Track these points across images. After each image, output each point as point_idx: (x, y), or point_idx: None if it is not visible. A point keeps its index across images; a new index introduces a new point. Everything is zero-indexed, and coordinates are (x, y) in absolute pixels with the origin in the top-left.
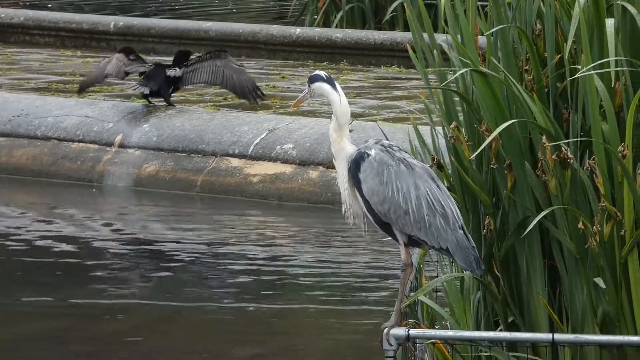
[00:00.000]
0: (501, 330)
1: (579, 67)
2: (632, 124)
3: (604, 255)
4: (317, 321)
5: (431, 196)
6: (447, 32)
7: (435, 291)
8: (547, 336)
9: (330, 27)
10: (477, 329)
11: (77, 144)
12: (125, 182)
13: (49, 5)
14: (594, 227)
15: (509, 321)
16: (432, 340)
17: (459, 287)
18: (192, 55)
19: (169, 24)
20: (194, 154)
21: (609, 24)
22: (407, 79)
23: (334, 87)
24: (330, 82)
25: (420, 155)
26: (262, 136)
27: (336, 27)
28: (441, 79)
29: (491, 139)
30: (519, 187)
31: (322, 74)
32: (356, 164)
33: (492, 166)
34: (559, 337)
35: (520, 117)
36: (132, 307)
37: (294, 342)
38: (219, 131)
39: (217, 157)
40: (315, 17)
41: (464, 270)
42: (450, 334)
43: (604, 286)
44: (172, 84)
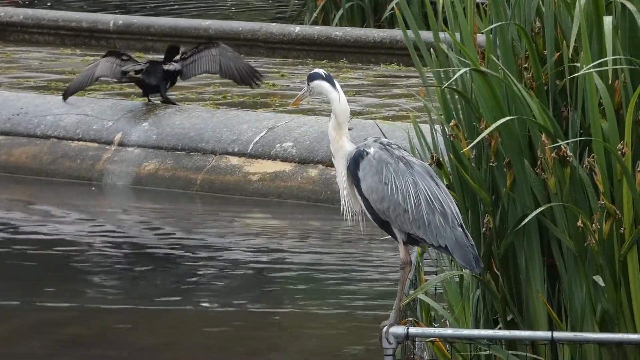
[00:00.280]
0: (500, 328)
1: (578, 65)
2: (632, 121)
3: (603, 253)
4: (317, 320)
5: (430, 194)
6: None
7: (434, 289)
8: (547, 334)
9: (329, 25)
10: (477, 327)
11: (76, 142)
12: (124, 180)
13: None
14: (593, 225)
15: (508, 319)
16: (431, 338)
17: (458, 285)
18: (181, 48)
19: (168, 22)
20: (193, 152)
21: (607, 21)
22: (406, 77)
23: (333, 85)
24: (329, 80)
25: (419, 153)
26: (262, 134)
27: (336, 25)
28: (439, 77)
29: (488, 136)
30: (518, 185)
31: (322, 72)
32: (355, 162)
33: (491, 164)
34: (558, 335)
35: (519, 115)
36: (131, 306)
37: (294, 341)
38: (219, 129)
39: (216, 155)
40: (314, 15)
41: (463, 268)
42: (449, 332)
43: (603, 284)
44: (170, 79)
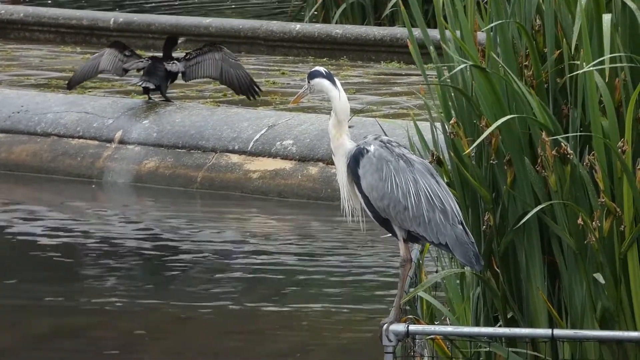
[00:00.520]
0: (500, 326)
1: (579, 63)
2: (632, 119)
3: (603, 250)
4: (319, 318)
5: (430, 192)
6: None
7: (434, 287)
8: (547, 332)
9: (330, 22)
10: (477, 324)
11: (76, 140)
12: (125, 178)
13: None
14: (594, 223)
15: (509, 317)
16: (432, 336)
17: (458, 283)
18: (179, 39)
19: (169, 19)
20: (193, 150)
21: (606, 19)
22: (407, 75)
23: (334, 83)
24: (329, 78)
25: (419, 151)
26: (262, 132)
27: (336, 23)
28: (440, 75)
29: (488, 133)
30: (518, 182)
31: (322, 70)
32: (355, 160)
33: (491, 162)
34: (558, 332)
35: (520, 112)
36: (130, 304)
37: (294, 340)
38: (219, 127)
39: (217, 153)
40: (315, 12)
41: (464, 265)
42: (449, 329)
43: (603, 282)
44: (172, 78)
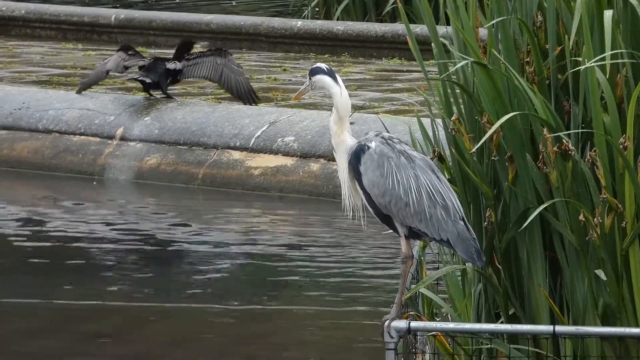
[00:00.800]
0: (502, 322)
1: (580, 59)
2: (634, 115)
3: (605, 247)
4: (319, 315)
5: (432, 188)
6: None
7: (436, 283)
8: (548, 328)
9: (331, 19)
10: (478, 321)
11: (78, 137)
12: (126, 175)
13: None
14: (595, 219)
15: (510, 313)
16: (433, 332)
17: (459, 279)
18: (195, 44)
19: (170, 16)
20: (195, 146)
21: (607, 15)
22: (408, 71)
23: (335, 79)
24: (331, 74)
25: (420, 147)
26: (264, 129)
27: (337, 19)
28: (441, 72)
29: (492, 132)
30: (520, 179)
31: (323, 66)
32: (356, 157)
33: (493, 158)
34: (560, 329)
35: (521, 109)
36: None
37: (296, 337)
38: (221, 124)
39: (218, 149)
40: (316, 9)
41: (465, 261)
42: (451, 326)
43: (605, 278)
44: (171, 76)
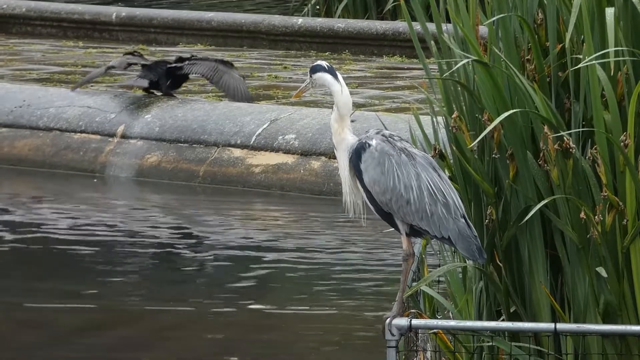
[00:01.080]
0: (503, 320)
1: (581, 57)
2: (634, 113)
3: (606, 244)
4: (320, 312)
5: (432, 185)
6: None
7: (437, 281)
8: (550, 326)
9: (332, 17)
10: (479, 319)
11: (79, 134)
12: (127, 172)
13: None
14: (596, 217)
15: (511, 311)
16: (434, 330)
17: (461, 277)
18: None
19: (171, 14)
20: (196, 144)
21: (609, 12)
22: (409, 69)
23: (336, 77)
24: (331, 72)
25: (421, 145)
26: (264, 126)
27: (338, 17)
28: (442, 69)
29: (492, 128)
30: (521, 176)
31: (324, 64)
32: (357, 154)
33: (494, 156)
34: (561, 326)
35: (522, 106)
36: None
37: (298, 335)
38: (221, 121)
39: (219, 147)
40: (317, 6)
41: (466, 259)
42: (452, 324)
43: (606, 276)
44: (172, 76)
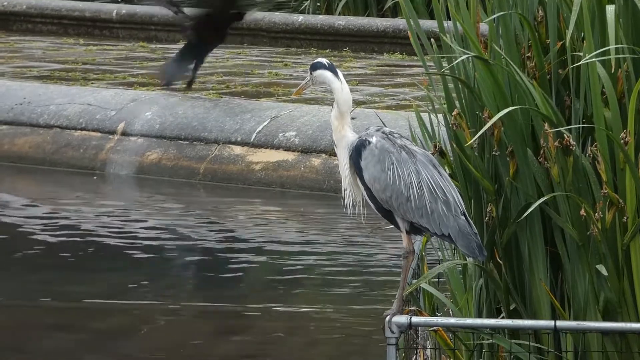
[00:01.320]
0: (503, 317)
1: (581, 54)
2: (635, 110)
3: (606, 242)
4: (320, 310)
5: (433, 183)
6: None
7: (437, 279)
8: (549, 323)
9: (333, 14)
10: (479, 316)
11: (79, 132)
12: (127, 170)
13: None
14: (596, 214)
15: (511, 308)
16: (434, 327)
17: (461, 274)
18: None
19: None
20: (196, 141)
21: (610, 10)
22: (409, 66)
23: (336, 74)
24: (332, 69)
25: (421, 142)
26: (265, 124)
27: (339, 14)
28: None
29: (491, 125)
30: (521, 174)
31: (324, 61)
32: (357, 152)
33: (494, 153)
34: (561, 324)
35: (522, 104)
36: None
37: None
38: (222, 119)
39: (219, 144)
40: (318, 4)
41: (467, 256)
42: (452, 321)
43: (606, 273)
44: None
